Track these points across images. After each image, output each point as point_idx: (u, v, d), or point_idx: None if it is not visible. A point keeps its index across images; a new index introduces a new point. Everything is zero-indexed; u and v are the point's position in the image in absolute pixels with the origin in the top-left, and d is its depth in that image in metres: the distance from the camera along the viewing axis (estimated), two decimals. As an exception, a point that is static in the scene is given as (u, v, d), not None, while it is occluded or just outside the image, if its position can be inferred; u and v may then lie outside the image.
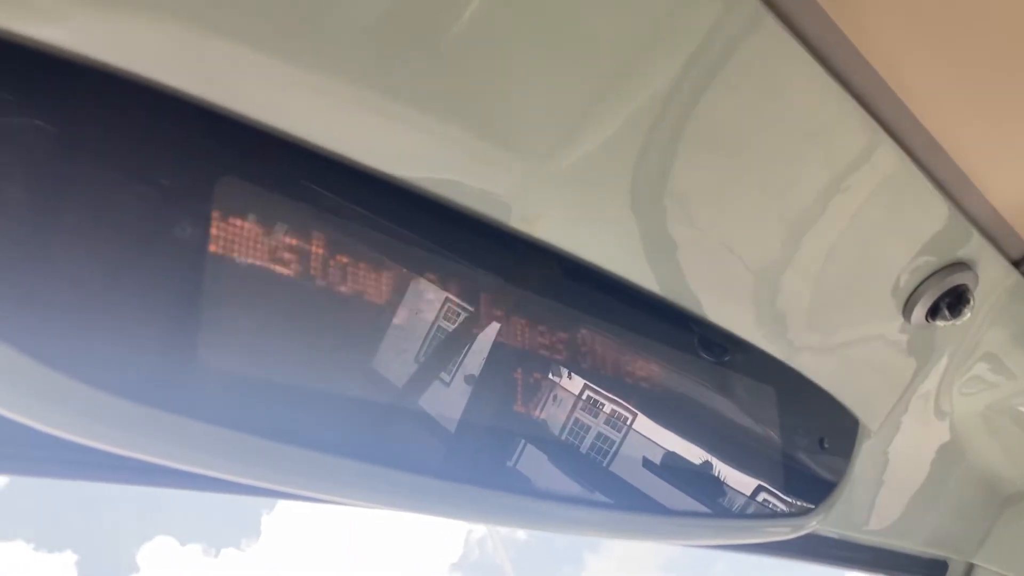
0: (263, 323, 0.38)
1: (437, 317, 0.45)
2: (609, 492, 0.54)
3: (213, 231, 0.35)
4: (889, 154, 0.52)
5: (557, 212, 0.47)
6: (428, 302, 0.45)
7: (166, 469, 0.55)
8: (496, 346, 0.48)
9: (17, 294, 0.30)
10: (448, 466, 0.45)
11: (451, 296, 0.46)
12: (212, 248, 0.35)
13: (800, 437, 0.69)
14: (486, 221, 0.46)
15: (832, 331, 0.65)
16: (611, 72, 0.42)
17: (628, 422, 0.55)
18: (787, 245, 0.56)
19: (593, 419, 0.53)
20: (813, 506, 0.70)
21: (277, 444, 0.37)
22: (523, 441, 0.49)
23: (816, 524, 0.70)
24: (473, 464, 0.46)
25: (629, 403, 0.55)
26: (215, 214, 0.35)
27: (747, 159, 0.49)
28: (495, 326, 0.48)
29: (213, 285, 0.35)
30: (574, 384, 0.52)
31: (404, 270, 0.43)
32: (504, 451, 0.48)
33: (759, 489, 0.65)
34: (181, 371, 0.34)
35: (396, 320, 0.43)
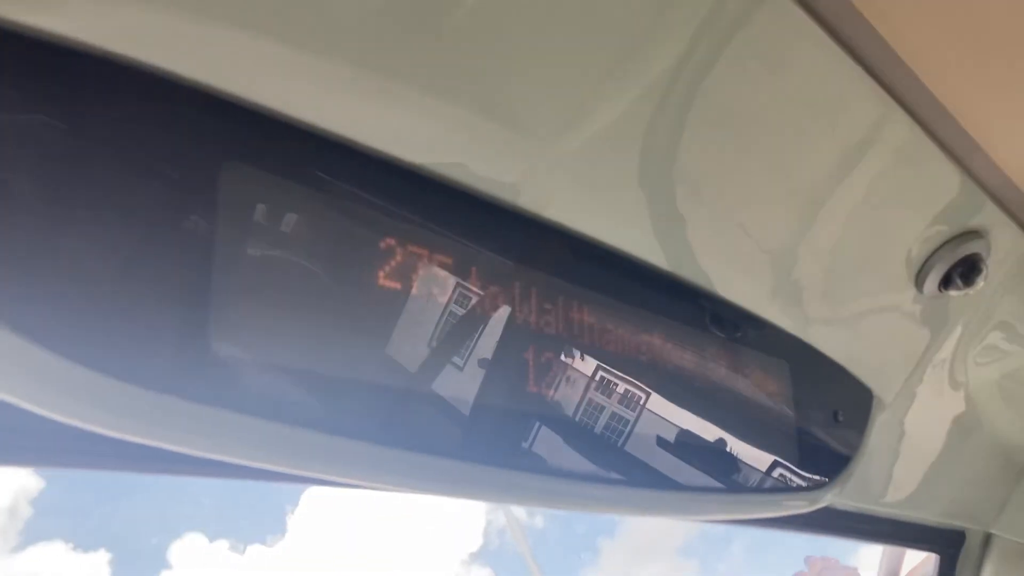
0: (279, 310, 0.38)
1: (448, 300, 0.45)
2: (625, 470, 0.54)
3: (226, 219, 0.35)
4: (899, 124, 0.52)
5: (566, 193, 0.47)
6: (439, 285, 0.45)
7: (194, 458, 0.56)
8: (508, 327, 0.48)
9: (39, 290, 0.30)
10: (464, 447, 0.45)
11: (462, 278, 0.46)
12: (224, 236, 0.35)
13: (814, 411, 0.70)
14: (495, 203, 0.46)
15: (844, 303, 0.65)
16: (617, 51, 0.41)
17: (641, 400, 0.56)
18: (798, 218, 0.56)
19: (607, 398, 0.54)
20: (828, 479, 0.70)
21: (298, 430, 0.37)
22: (539, 421, 0.50)
23: (832, 497, 0.70)
24: (490, 445, 0.47)
25: (642, 381, 0.56)
26: (227, 202, 0.35)
27: (756, 133, 0.49)
28: (506, 307, 0.48)
29: (228, 274, 0.36)
30: (586, 363, 0.53)
31: (415, 253, 0.43)
32: (521, 432, 0.49)
33: (774, 464, 0.65)
34: (201, 360, 0.35)
35: (409, 304, 0.43)
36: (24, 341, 0.29)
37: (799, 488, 0.68)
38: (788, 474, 0.66)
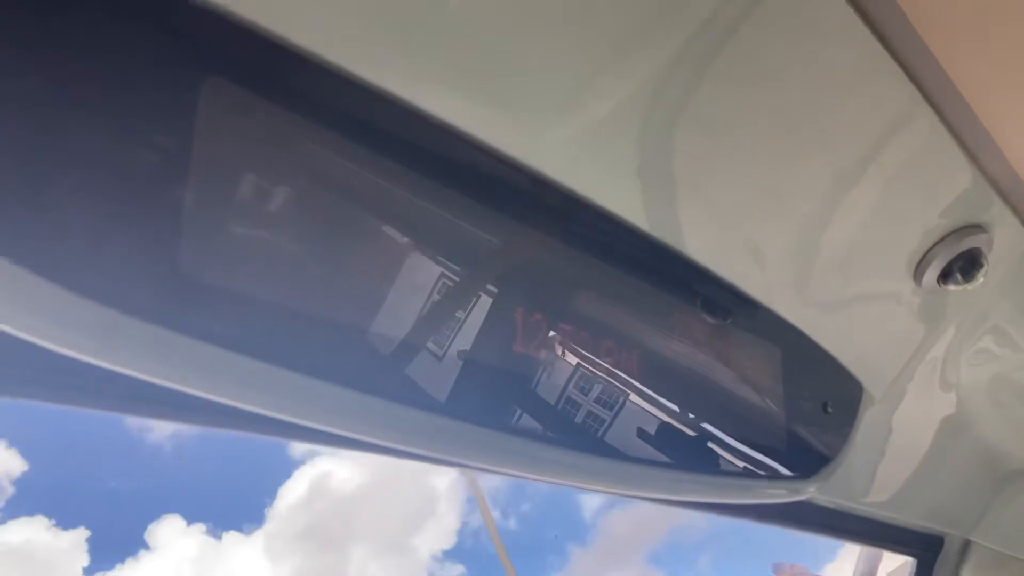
0: (273, 247, 0.37)
1: (439, 256, 0.44)
2: (606, 442, 0.54)
3: (209, 145, 0.34)
4: (917, 111, 0.51)
5: (564, 148, 0.46)
6: (431, 240, 0.44)
7: (166, 400, 0.55)
8: (497, 286, 0.47)
9: (20, 214, 0.29)
10: (444, 403, 0.44)
11: (457, 236, 0.45)
12: (220, 166, 0.34)
13: (803, 401, 0.69)
14: (486, 150, 0.44)
15: (840, 290, 0.64)
16: (641, 16, 0.40)
17: (629, 378, 0.55)
18: (802, 196, 0.55)
19: (593, 372, 0.53)
20: (812, 471, 0.69)
21: (277, 368, 0.36)
22: (522, 385, 0.49)
23: (814, 490, 0.69)
24: (471, 403, 0.46)
25: (631, 360, 0.55)
26: (211, 129, 0.34)
27: (769, 101, 0.48)
28: (496, 265, 0.47)
29: (222, 204, 0.34)
30: (574, 333, 0.52)
31: (406, 203, 0.42)
32: (504, 394, 0.48)
33: (758, 450, 0.65)
34: (185, 290, 0.33)
35: (397, 256, 0.42)
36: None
37: (781, 477, 0.67)
38: (771, 462, 0.65)
